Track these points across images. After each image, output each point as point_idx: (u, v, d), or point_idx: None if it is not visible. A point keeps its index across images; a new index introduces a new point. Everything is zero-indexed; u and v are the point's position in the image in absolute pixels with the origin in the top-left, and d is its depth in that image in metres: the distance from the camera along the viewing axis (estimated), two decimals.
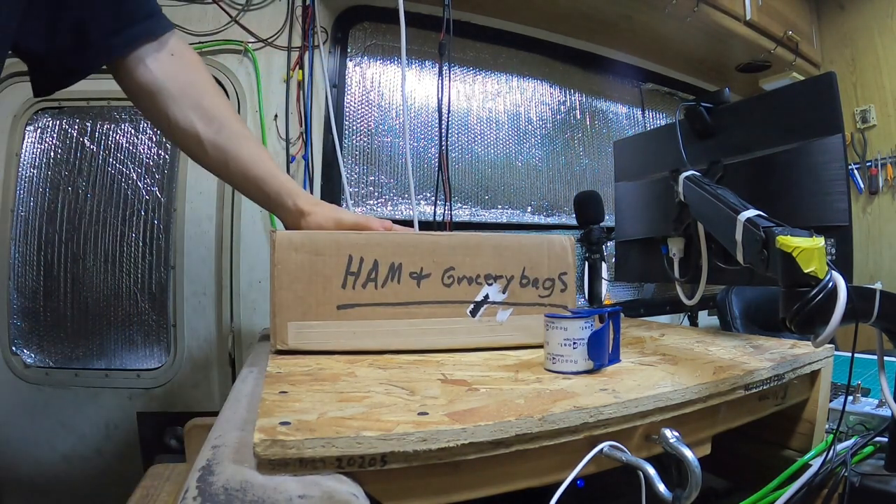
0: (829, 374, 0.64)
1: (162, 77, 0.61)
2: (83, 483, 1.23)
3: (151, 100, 0.62)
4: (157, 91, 0.61)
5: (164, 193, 1.31)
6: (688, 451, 0.42)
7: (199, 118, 0.63)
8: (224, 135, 0.65)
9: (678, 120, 0.85)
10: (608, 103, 2.04)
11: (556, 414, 0.39)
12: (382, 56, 1.59)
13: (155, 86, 0.61)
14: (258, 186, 0.67)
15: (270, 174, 0.68)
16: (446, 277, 0.63)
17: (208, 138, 0.64)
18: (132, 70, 0.60)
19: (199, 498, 0.29)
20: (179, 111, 0.62)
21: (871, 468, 0.57)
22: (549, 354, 0.54)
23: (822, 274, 0.46)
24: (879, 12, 2.10)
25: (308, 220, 0.67)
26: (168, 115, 0.63)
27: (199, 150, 0.65)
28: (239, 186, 0.71)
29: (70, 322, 1.26)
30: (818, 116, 0.69)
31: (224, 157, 0.65)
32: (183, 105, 0.62)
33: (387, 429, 0.34)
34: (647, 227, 0.95)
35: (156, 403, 1.25)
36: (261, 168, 0.67)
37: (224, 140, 0.65)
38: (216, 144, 0.64)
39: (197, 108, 0.63)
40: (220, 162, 0.66)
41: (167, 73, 0.61)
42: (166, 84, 0.61)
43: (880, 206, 2.12)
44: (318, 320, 0.60)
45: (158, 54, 0.61)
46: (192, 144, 0.65)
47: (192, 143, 0.65)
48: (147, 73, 0.60)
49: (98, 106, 1.29)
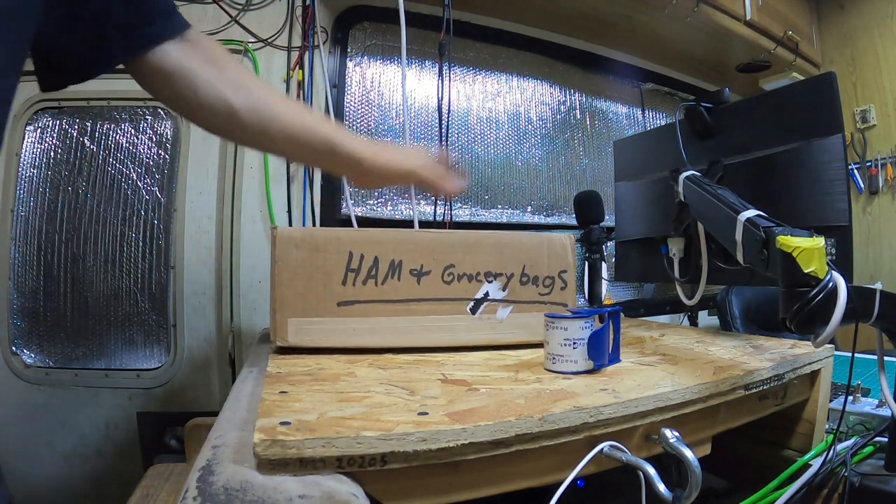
0: (829, 374, 0.64)
1: (182, 59, 0.58)
2: (83, 483, 1.23)
3: (172, 83, 0.59)
4: (178, 72, 0.58)
5: (164, 193, 1.31)
6: (688, 451, 0.42)
7: (226, 87, 0.60)
8: (255, 97, 0.61)
9: (678, 120, 0.85)
10: (608, 103, 2.04)
11: (556, 414, 0.39)
12: (382, 56, 1.59)
13: (175, 68, 0.58)
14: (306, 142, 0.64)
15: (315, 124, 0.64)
16: (446, 275, 0.63)
17: (241, 105, 0.60)
18: (149, 59, 0.57)
19: (199, 498, 0.29)
20: (205, 87, 0.59)
21: (871, 468, 0.57)
22: (549, 354, 0.54)
23: (822, 274, 0.46)
24: (879, 12, 2.10)
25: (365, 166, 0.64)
26: (194, 94, 0.59)
27: (234, 122, 0.61)
28: (285, 150, 0.67)
29: (70, 322, 1.26)
30: (818, 116, 0.69)
31: (261, 121, 0.62)
32: (208, 79, 0.59)
33: (387, 429, 0.34)
34: (647, 227, 0.95)
35: (156, 403, 1.25)
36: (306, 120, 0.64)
37: (256, 102, 0.61)
38: (251, 108, 0.61)
39: (222, 79, 0.60)
40: (259, 128, 0.62)
41: (187, 55, 0.59)
42: (187, 64, 0.58)
43: (880, 206, 2.12)
44: (319, 317, 0.60)
45: (177, 44, 0.59)
46: (224, 119, 0.61)
47: (224, 117, 0.61)
48: (166, 58, 0.57)
49: (98, 106, 1.29)
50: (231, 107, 0.60)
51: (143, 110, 1.32)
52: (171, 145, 1.32)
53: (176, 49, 0.58)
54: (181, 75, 0.59)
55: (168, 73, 0.58)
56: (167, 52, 0.58)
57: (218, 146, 1.30)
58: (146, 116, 1.32)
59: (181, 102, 0.61)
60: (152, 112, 1.32)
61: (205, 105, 0.60)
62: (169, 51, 0.58)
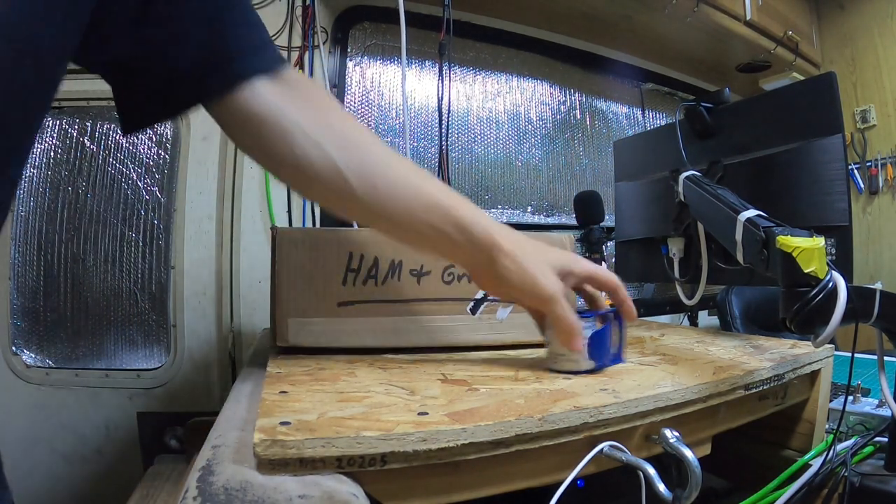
0: (829, 374, 0.64)
1: (276, 101, 0.46)
2: (83, 483, 1.23)
3: (263, 132, 0.46)
4: (270, 118, 0.46)
5: (164, 193, 1.31)
6: (688, 451, 0.42)
7: (331, 142, 0.47)
8: (368, 158, 0.48)
9: (678, 120, 0.85)
10: (608, 103, 2.04)
11: (556, 414, 0.39)
12: (382, 56, 1.59)
13: (267, 113, 0.46)
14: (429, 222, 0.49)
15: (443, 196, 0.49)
16: (446, 275, 0.63)
17: (350, 167, 0.47)
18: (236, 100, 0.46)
19: (199, 498, 0.29)
20: (303, 140, 0.46)
21: (871, 468, 0.57)
22: (551, 354, 0.53)
23: (822, 274, 0.46)
24: (879, 12, 2.10)
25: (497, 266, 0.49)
26: (290, 149, 0.46)
27: (340, 187, 0.47)
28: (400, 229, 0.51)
29: (70, 322, 1.26)
30: (818, 116, 0.69)
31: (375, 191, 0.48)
32: (307, 131, 0.46)
33: (387, 429, 0.34)
34: (647, 227, 0.95)
35: (156, 403, 1.25)
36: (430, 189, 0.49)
37: (369, 166, 0.48)
38: (362, 174, 0.47)
39: (327, 130, 0.47)
40: (373, 200, 0.48)
41: (283, 96, 0.47)
42: (285, 109, 0.46)
43: (880, 206, 2.12)
44: (319, 317, 0.60)
45: (271, 84, 0.47)
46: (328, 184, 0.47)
47: (328, 179, 0.47)
48: (256, 100, 0.46)
49: (98, 106, 1.28)
50: (335, 166, 0.47)
51: None
52: (171, 145, 1.32)
53: (269, 89, 0.46)
54: (274, 122, 0.46)
55: (259, 120, 0.46)
56: (258, 93, 0.46)
57: (218, 146, 1.30)
58: None
59: (275, 159, 0.48)
60: None
61: (303, 164, 0.47)
62: (261, 91, 0.46)
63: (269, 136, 0.46)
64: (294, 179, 0.50)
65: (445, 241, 0.49)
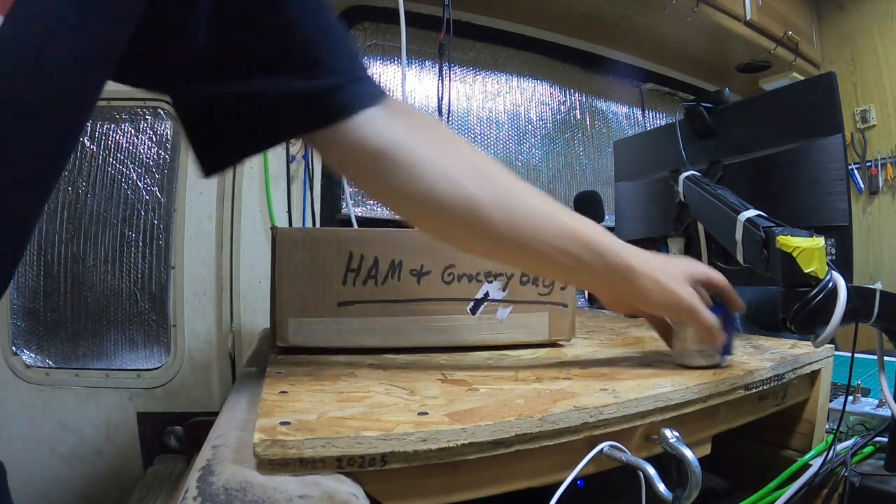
0: (829, 374, 0.64)
1: (396, 134, 0.42)
2: (83, 483, 1.23)
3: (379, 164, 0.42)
4: (390, 152, 0.41)
5: (164, 193, 1.31)
6: (688, 451, 0.42)
7: (463, 174, 0.43)
8: (501, 187, 0.45)
9: (678, 120, 0.85)
10: (608, 103, 2.04)
11: (556, 414, 0.39)
12: (382, 56, 1.59)
13: (385, 147, 0.41)
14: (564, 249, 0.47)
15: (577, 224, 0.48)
16: (446, 275, 0.63)
17: (486, 200, 0.43)
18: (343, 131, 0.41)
19: (199, 498, 0.29)
20: (431, 175, 0.42)
21: (871, 468, 0.57)
22: (683, 352, 0.54)
23: (822, 274, 0.46)
24: (879, 12, 2.10)
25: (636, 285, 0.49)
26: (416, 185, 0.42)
27: (473, 221, 0.44)
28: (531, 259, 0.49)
29: (70, 322, 1.25)
30: (818, 116, 0.69)
31: (513, 221, 0.45)
32: (434, 164, 0.42)
33: (387, 429, 0.34)
34: (647, 227, 0.95)
35: (156, 403, 1.25)
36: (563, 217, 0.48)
37: (504, 194, 0.45)
38: (499, 204, 0.44)
39: (454, 162, 0.43)
40: (510, 232, 0.45)
41: (403, 129, 0.42)
42: (406, 142, 0.42)
43: (880, 206, 2.11)
44: (319, 317, 0.60)
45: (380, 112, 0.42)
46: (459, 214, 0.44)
47: (460, 213, 0.43)
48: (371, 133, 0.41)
49: (98, 106, 1.28)
50: (471, 201, 0.43)
51: (143, 110, 1.32)
52: (171, 145, 1.32)
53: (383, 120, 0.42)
54: (395, 156, 0.42)
55: (375, 154, 0.41)
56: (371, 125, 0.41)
57: None
58: (146, 116, 1.32)
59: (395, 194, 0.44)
60: (152, 112, 1.32)
61: (429, 198, 0.43)
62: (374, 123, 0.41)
63: (388, 170, 0.42)
64: (419, 214, 0.47)
65: (581, 267, 0.48)
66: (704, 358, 0.54)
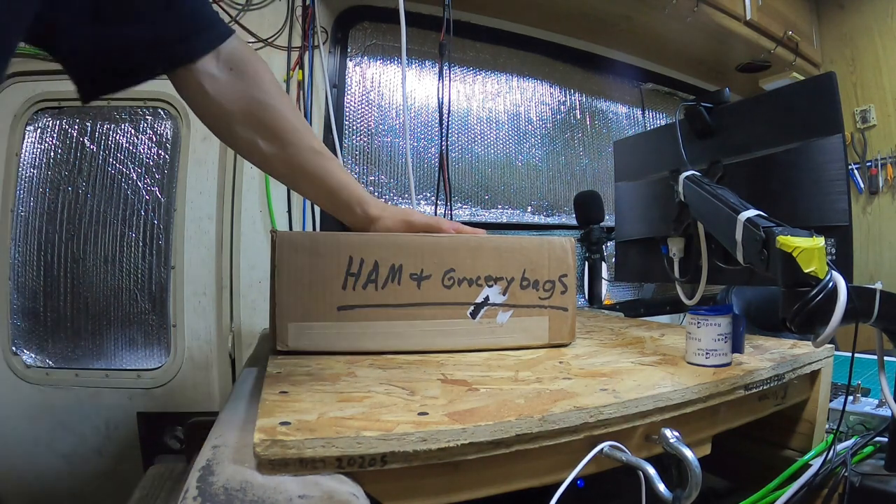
0: (829, 374, 0.64)
1: (220, 98, 0.59)
2: (83, 483, 1.23)
3: (214, 120, 0.62)
4: (217, 113, 0.60)
5: (164, 193, 1.31)
6: (688, 451, 0.42)
7: (262, 137, 0.62)
8: (289, 152, 0.63)
9: (678, 120, 0.85)
10: (608, 103, 2.04)
11: (556, 414, 0.39)
12: (382, 56, 1.59)
13: (215, 107, 0.59)
14: (329, 198, 0.68)
15: (339, 186, 0.67)
16: (446, 279, 0.63)
17: (274, 155, 0.63)
18: (191, 89, 0.58)
19: (199, 498, 0.29)
20: (242, 131, 0.61)
21: (871, 468, 0.57)
22: (699, 350, 0.56)
23: (823, 274, 0.46)
24: (879, 12, 2.10)
25: (377, 225, 0.68)
26: (232, 135, 0.62)
27: (267, 167, 0.66)
28: (309, 198, 0.76)
29: (70, 322, 1.26)
30: (818, 116, 0.69)
31: (292, 173, 0.66)
32: (245, 125, 0.61)
33: (387, 429, 0.34)
34: (647, 227, 0.95)
35: (156, 403, 1.25)
36: (331, 181, 0.67)
37: (290, 157, 0.64)
38: (283, 161, 0.64)
39: (259, 126, 0.61)
40: (289, 178, 0.67)
41: (226, 93, 0.59)
42: (226, 106, 0.59)
43: (880, 206, 2.11)
44: (319, 321, 0.60)
45: (217, 72, 0.58)
46: (258, 162, 0.65)
47: (259, 161, 0.65)
48: (205, 97, 0.58)
49: (98, 106, 1.29)
50: (264, 154, 0.62)
51: (143, 110, 1.32)
52: (171, 145, 1.32)
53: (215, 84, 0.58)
54: (220, 115, 0.60)
55: (209, 111, 0.60)
56: (206, 91, 0.58)
57: (218, 146, 1.30)
58: (146, 116, 1.32)
59: (223, 137, 0.64)
60: (152, 112, 1.32)
61: (240, 147, 0.63)
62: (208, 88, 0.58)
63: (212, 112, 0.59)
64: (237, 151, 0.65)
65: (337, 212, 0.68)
66: (719, 357, 0.55)
